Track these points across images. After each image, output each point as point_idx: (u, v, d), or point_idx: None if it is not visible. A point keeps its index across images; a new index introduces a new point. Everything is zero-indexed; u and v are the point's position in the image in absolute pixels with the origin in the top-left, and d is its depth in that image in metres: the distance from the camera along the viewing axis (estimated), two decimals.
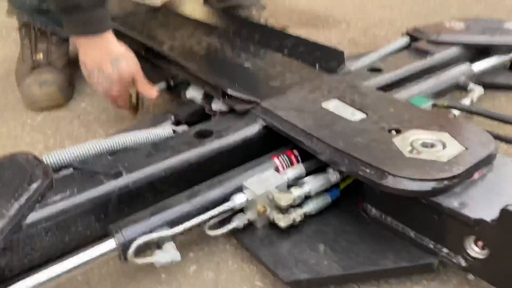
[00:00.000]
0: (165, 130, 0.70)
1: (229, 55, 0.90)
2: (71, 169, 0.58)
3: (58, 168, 0.58)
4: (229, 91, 0.70)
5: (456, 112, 0.78)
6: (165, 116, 0.77)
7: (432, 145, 0.57)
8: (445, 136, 0.58)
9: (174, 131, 0.72)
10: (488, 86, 0.93)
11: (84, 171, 0.57)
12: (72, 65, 1.06)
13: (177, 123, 0.76)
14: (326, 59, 0.83)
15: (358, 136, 0.60)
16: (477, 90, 0.83)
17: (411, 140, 0.58)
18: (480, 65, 0.92)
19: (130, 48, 0.92)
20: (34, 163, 0.55)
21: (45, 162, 0.57)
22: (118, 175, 0.56)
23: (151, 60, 0.93)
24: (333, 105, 0.69)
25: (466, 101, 0.81)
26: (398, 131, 0.60)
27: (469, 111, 0.74)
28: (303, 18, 1.55)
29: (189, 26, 1.08)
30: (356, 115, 0.66)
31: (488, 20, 1.10)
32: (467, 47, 0.95)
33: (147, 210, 0.55)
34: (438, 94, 0.85)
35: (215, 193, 0.59)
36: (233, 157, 0.65)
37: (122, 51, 0.80)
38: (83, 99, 1.01)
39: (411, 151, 0.56)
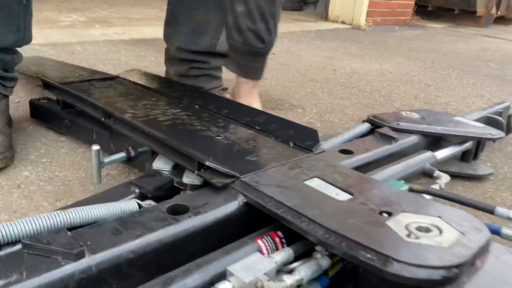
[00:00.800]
0: (129, 204, 0.62)
1: (199, 127, 0.86)
2: (20, 245, 0.47)
3: (1, 244, 0.47)
4: (208, 163, 0.65)
5: (428, 197, 0.79)
6: (128, 189, 0.69)
7: (428, 230, 0.54)
8: (438, 221, 0.56)
9: (139, 206, 0.64)
10: None
11: (37, 249, 0.46)
12: (14, 125, 0.95)
13: (142, 197, 0.68)
14: (301, 137, 0.82)
15: (350, 218, 0.56)
16: (444, 177, 0.84)
17: (405, 224, 0.55)
18: (442, 154, 0.95)
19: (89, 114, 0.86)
20: None
21: None
22: (80, 255, 0.47)
23: (112, 127, 0.86)
24: (316, 184, 0.66)
25: (435, 187, 0.82)
26: (389, 214, 0.58)
27: (446, 198, 0.74)
28: (261, 101, 1.57)
29: (151, 96, 1.04)
30: (340, 195, 0.63)
31: (438, 112, 1.18)
32: (425, 135, 1.00)
33: None
34: (406, 179, 0.85)
35: (194, 280, 0.50)
36: (212, 237, 0.58)
37: None
38: (26, 166, 0.89)
39: (408, 235, 0.53)
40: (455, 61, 2.80)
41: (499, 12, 5.71)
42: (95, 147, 0.75)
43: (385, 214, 0.58)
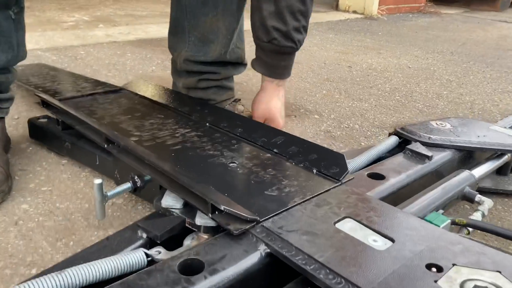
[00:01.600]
0: (136, 256, 0.55)
1: (211, 151, 0.78)
2: None
3: None
4: (223, 207, 0.57)
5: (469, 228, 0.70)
6: (134, 234, 0.61)
7: None
8: (498, 278, 0.47)
9: (147, 255, 0.56)
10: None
11: None
12: (13, 146, 0.87)
13: (150, 242, 0.60)
14: (326, 163, 0.73)
15: (394, 277, 0.47)
16: (487, 203, 0.75)
17: (460, 283, 0.47)
18: (480, 171, 0.86)
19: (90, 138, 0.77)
20: None
21: None
22: None
23: (115, 155, 0.78)
24: (349, 227, 0.57)
25: (477, 215, 0.73)
26: (439, 269, 0.49)
27: (496, 233, 0.65)
28: None
29: (158, 112, 0.96)
30: (378, 242, 0.55)
31: (470, 121, 1.08)
32: (460, 150, 0.90)
33: None
34: (444, 206, 0.76)
35: None
36: None
37: None
38: (25, 197, 0.81)
39: None
40: (475, 51, 2.67)
41: None
42: (97, 181, 0.67)
43: (434, 269, 0.49)
